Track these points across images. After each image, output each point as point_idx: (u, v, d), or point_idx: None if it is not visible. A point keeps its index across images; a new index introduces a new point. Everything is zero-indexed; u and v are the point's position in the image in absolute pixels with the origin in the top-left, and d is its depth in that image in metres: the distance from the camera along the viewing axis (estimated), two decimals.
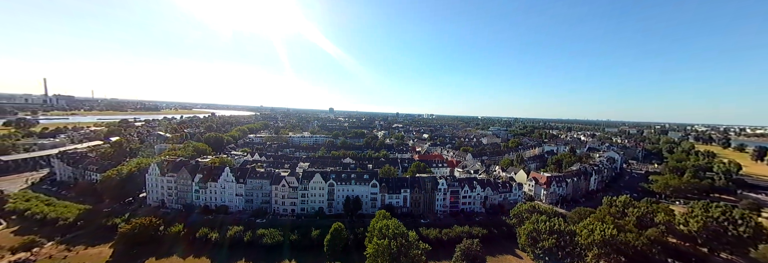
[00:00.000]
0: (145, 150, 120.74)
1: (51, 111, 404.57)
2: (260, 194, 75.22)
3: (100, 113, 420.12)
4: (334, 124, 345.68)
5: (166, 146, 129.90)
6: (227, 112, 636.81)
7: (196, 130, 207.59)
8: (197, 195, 76.32)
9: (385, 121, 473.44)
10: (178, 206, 75.05)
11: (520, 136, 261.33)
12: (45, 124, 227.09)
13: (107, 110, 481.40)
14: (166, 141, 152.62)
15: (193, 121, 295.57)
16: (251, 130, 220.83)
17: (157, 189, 78.76)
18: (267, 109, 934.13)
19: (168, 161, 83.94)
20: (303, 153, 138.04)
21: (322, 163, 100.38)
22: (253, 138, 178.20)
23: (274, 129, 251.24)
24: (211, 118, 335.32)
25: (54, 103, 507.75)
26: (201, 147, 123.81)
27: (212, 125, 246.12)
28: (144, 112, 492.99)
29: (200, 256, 53.89)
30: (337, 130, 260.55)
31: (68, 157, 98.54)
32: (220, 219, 67.45)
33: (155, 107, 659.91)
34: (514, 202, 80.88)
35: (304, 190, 73.48)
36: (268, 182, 75.12)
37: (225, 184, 75.48)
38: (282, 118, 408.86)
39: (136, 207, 74.99)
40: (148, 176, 79.41)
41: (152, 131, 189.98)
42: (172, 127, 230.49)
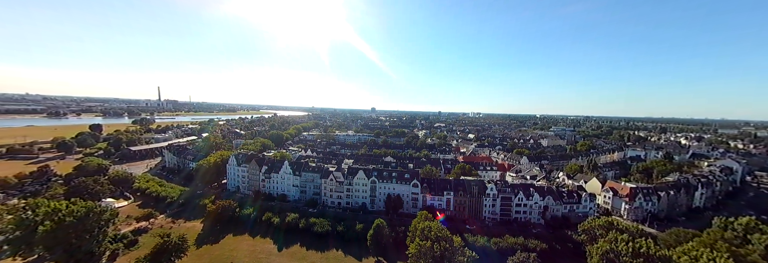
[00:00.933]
0: (226, 145, 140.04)
1: (162, 112, 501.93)
2: (312, 186, 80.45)
3: (195, 114, 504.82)
4: (376, 123, 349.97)
5: (241, 141, 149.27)
6: (286, 112, 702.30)
7: (262, 128, 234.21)
8: (263, 184, 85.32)
9: (426, 120, 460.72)
10: (250, 192, 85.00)
11: (591, 138, 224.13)
12: (159, 122, 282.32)
13: (199, 111, 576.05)
14: (241, 137, 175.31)
15: (260, 121, 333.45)
16: (305, 129, 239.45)
17: (234, 177, 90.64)
18: (318, 109, 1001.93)
19: (242, 154, 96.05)
20: (348, 150, 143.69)
21: (365, 161, 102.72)
22: (306, 136, 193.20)
23: (323, 127, 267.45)
24: (274, 118, 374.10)
25: (164, 106, 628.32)
26: (266, 142, 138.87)
27: (274, 124, 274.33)
28: (225, 112, 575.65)
29: (265, 237, 60.22)
30: (379, 128, 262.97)
31: (174, 149, 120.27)
32: (280, 205, 74.36)
33: (233, 109, 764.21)
34: (584, 216, 69.66)
35: (349, 185, 76.09)
36: (318, 176, 79.90)
37: (284, 176, 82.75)
38: (330, 118, 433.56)
39: (219, 191, 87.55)
40: (228, 166, 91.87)
41: (231, 129, 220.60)
42: (245, 125, 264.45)
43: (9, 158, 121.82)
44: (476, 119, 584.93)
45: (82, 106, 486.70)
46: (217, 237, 59.51)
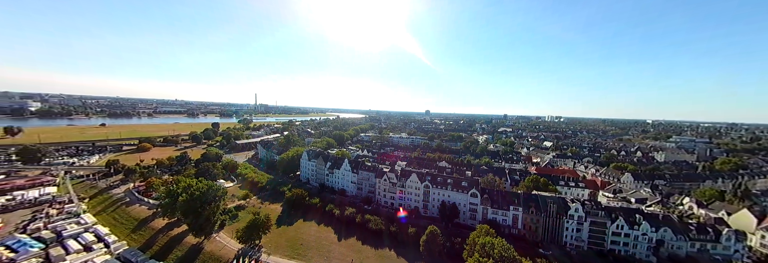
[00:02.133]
0: (300, 142, 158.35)
1: (257, 114, 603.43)
2: (368, 184, 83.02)
3: (279, 115, 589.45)
4: (430, 126, 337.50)
5: (312, 139, 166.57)
6: (346, 114, 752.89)
7: (327, 128, 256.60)
8: (328, 178, 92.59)
9: (487, 123, 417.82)
10: (317, 184, 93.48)
11: (740, 154, 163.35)
12: (255, 122, 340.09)
13: (282, 113, 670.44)
14: (311, 136, 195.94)
15: (326, 122, 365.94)
16: (362, 130, 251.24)
17: (306, 169, 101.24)
18: (373, 112, 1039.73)
19: (312, 150, 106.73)
20: (401, 152, 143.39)
21: (418, 164, 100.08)
22: (363, 137, 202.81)
23: (378, 129, 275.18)
24: (337, 120, 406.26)
25: (259, 109, 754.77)
26: (331, 141, 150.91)
27: (337, 125, 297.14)
28: (300, 115, 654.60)
29: (328, 226, 64.85)
30: (433, 132, 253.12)
31: (264, 143, 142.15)
32: (340, 199, 79.20)
33: (305, 111, 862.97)
34: (725, 261, 51.46)
35: (401, 187, 75.36)
36: (373, 175, 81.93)
37: (344, 172, 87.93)
38: (385, 120, 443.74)
39: (295, 181, 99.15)
40: (301, 160, 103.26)
41: (304, 128, 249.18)
42: (314, 125, 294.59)
43: (163, 145, 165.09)
44: (555, 124, 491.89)
45: (208, 108, 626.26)
46: (292, 220, 67.14)
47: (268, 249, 54.43)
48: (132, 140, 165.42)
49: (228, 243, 56.03)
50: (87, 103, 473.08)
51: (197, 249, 53.66)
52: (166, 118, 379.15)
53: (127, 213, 69.08)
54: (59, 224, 58.85)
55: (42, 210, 67.49)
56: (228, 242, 56.59)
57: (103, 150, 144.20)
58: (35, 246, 50.25)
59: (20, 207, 68.37)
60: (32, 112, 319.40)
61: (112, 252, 51.22)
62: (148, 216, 66.52)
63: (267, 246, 55.31)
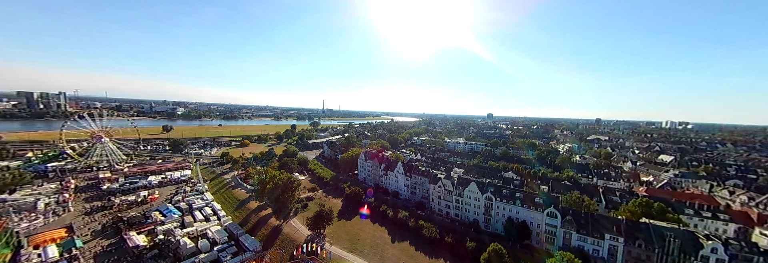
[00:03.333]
0: (358, 143, 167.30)
1: (323, 117, 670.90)
2: (421, 189, 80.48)
3: (340, 119, 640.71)
4: (493, 132, 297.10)
5: (368, 141, 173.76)
6: (400, 118, 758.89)
7: (382, 131, 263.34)
8: (382, 179, 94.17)
9: (573, 130, 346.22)
10: (372, 184, 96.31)
11: None
12: (322, 124, 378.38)
13: (343, 117, 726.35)
14: (368, 138, 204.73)
15: (381, 125, 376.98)
16: (415, 134, 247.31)
17: (362, 169, 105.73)
18: (428, 116, 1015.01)
19: (368, 152, 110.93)
20: (458, 159, 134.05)
21: (478, 172, 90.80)
22: (416, 140, 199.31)
23: (433, 133, 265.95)
24: (391, 123, 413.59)
25: (325, 113, 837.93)
26: (385, 144, 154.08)
27: (391, 128, 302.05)
28: (358, 118, 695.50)
29: (382, 225, 65.49)
30: (497, 137, 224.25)
31: (329, 143, 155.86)
32: (393, 201, 79.14)
33: (363, 115, 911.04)
34: None
35: (458, 196, 69.66)
36: (427, 180, 78.93)
37: (398, 175, 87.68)
38: (439, 124, 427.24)
39: (353, 179, 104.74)
40: (359, 160, 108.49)
41: (361, 131, 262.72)
42: (370, 128, 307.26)
43: (257, 142, 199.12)
44: (678, 132, 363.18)
45: (288, 113, 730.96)
46: (350, 215, 70.67)
47: (331, 239, 58.46)
48: (237, 137, 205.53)
49: (299, 229, 62.73)
50: (211, 108, 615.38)
51: (278, 230, 61.86)
52: (260, 121, 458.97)
53: (232, 194, 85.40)
54: (190, 198, 77.08)
55: (181, 187, 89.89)
56: (300, 227, 63.38)
57: (219, 144, 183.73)
58: (176, 213, 67.01)
59: (169, 184, 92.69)
60: (178, 115, 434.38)
61: (222, 224, 63.83)
62: (245, 198, 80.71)
63: (330, 236, 59.52)
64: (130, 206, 71.72)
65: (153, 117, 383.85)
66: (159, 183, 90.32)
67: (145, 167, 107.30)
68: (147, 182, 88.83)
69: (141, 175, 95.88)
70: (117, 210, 69.17)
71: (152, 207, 70.89)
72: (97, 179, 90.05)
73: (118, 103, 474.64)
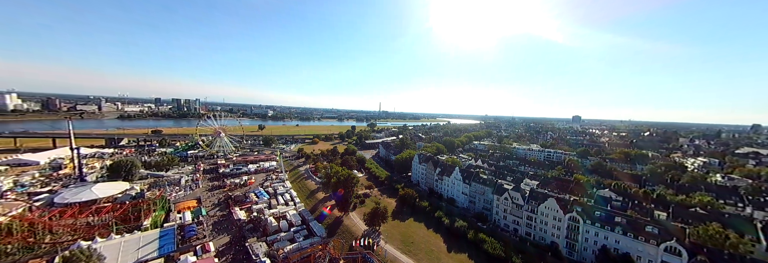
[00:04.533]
0: (412, 145, 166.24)
1: (379, 119, 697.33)
2: (482, 199, 73.31)
3: (395, 120, 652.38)
4: (581, 138, 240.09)
5: (422, 144, 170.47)
6: (458, 120, 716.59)
7: (437, 134, 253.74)
8: (437, 184, 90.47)
9: (711, 138, 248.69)
10: (426, 188, 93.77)
11: None
12: (378, 126, 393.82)
13: (398, 119, 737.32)
14: (422, 140, 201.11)
15: (436, 128, 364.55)
16: (476, 137, 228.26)
17: (416, 172, 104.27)
18: (491, 118, 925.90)
19: (423, 154, 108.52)
20: (530, 168, 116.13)
21: (558, 186, 75.41)
22: (476, 145, 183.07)
23: (497, 138, 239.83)
24: (447, 126, 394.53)
25: (381, 115, 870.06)
26: (440, 147, 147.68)
27: (447, 131, 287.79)
28: (413, 120, 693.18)
29: (437, 232, 62.62)
30: (588, 146, 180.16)
31: (384, 144, 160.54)
32: (448, 208, 74.64)
33: (417, 117, 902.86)
34: None
35: (530, 213, 59.88)
36: (490, 190, 71.30)
37: (454, 181, 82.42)
38: (506, 127, 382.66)
39: (406, 181, 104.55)
40: (413, 162, 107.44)
41: (416, 133, 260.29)
42: (425, 131, 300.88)
43: (324, 141, 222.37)
44: None
45: (349, 114, 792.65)
46: (404, 217, 70.46)
47: (385, 237, 59.58)
48: (309, 136, 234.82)
49: (357, 222, 66.36)
50: (291, 111, 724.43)
51: (339, 221, 67.10)
52: (327, 122, 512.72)
53: (304, 184, 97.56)
54: (275, 185, 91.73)
55: (269, 175, 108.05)
56: (357, 221, 67.05)
57: (296, 141, 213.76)
58: (265, 196, 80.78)
59: (261, 172, 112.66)
60: (269, 116, 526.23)
61: (297, 209, 73.54)
62: (315, 189, 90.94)
63: (384, 234, 60.75)
64: (235, 187, 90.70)
65: (252, 118, 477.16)
66: (255, 171, 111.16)
67: (246, 157, 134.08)
68: (247, 169, 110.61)
69: (243, 163, 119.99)
70: (227, 189, 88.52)
71: (250, 189, 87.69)
72: (216, 164, 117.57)
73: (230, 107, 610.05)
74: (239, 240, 56.18)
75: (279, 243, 54.03)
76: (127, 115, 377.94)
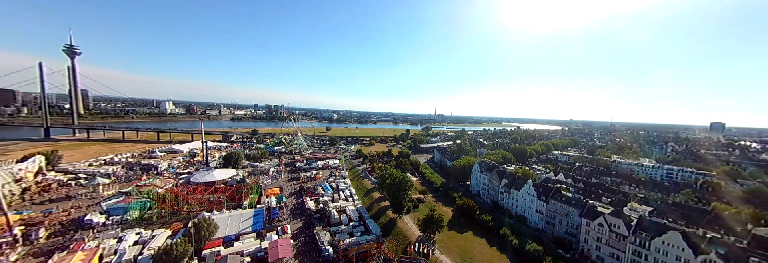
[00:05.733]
0: (472, 151, 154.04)
1: (434, 122, 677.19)
2: (564, 222, 61.08)
3: (452, 124, 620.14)
4: (726, 153, 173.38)
5: (484, 151, 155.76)
6: (532, 125, 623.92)
7: (504, 140, 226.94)
8: (502, 197, 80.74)
9: None
10: (489, 200, 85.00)
11: None
12: (433, 130, 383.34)
13: (455, 123, 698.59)
14: (484, 146, 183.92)
15: (502, 133, 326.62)
16: (556, 146, 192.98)
17: (477, 181, 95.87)
18: (578, 123, 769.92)
19: (485, 162, 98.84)
20: (638, 189, 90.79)
21: (685, 217, 56.02)
22: (557, 155, 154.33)
23: (588, 148, 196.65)
24: (517, 131, 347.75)
25: (436, 118, 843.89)
26: (507, 155, 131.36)
27: (517, 137, 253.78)
28: (473, 124, 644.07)
29: (502, 252, 55.53)
30: (737, 164, 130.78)
31: (440, 149, 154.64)
32: (517, 226, 65.24)
33: (478, 121, 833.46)
34: None
35: (639, 247, 46.04)
36: (576, 211, 58.73)
37: (526, 196, 71.62)
38: (601, 135, 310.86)
39: (465, 190, 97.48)
40: (473, 170, 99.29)
41: (477, 138, 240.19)
42: (488, 136, 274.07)
43: (380, 143, 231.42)
44: None
45: (404, 118, 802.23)
46: (462, 229, 65.62)
47: (441, 247, 56.82)
48: (366, 138, 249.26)
49: (411, 227, 65.80)
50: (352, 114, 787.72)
51: (393, 223, 68.14)
52: (382, 125, 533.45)
53: (361, 183, 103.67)
54: (338, 181, 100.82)
55: (333, 172, 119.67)
56: (411, 226, 66.48)
57: (355, 142, 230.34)
58: (329, 190, 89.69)
59: (326, 169, 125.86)
60: (334, 119, 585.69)
61: (355, 205, 78.76)
62: (371, 188, 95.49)
63: (440, 243, 58.03)
64: (307, 180, 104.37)
65: (321, 120, 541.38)
66: (322, 167, 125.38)
67: (316, 154, 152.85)
68: (316, 165, 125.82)
69: (313, 160, 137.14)
70: (301, 181, 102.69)
71: (318, 183, 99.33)
72: (294, 159, 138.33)
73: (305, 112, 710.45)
74: (309, 227, 64.07)
75: (340, 235, 58.92)
76: (236, 117, 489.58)
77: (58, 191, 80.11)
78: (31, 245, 50.70)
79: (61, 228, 57.77)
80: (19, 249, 48.88)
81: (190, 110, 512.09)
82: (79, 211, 66.41)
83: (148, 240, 52.88)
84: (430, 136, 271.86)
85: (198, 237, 49.58)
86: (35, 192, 77.33)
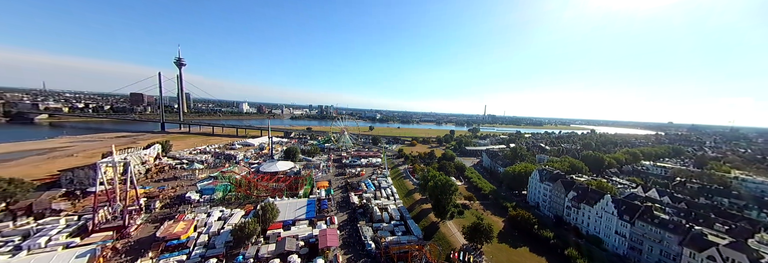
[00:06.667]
0: (530, 157, 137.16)
1: (483, 123, 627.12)
2: (657, 249, 49.10)
3: (504, 126, 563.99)
4: None
5: (545, 157, 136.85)
6: (611, 129, 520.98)
7: (572, 146, 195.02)
8: (569, 212, 69.78)
9: None
10: (550, 214, 74.59)
11: None
12: (482, 131, 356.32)
13: (510, 124, 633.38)
14: (545, 152, 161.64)
15: (571, 137, 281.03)
16: (647, 155, 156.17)
17: (535, 191, 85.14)
18: (680, 126, 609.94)
19: (547, 171, 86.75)
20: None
21: None
22: (648, 167, 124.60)
23: (695, 159, 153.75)
24: (590, 135, 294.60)
25: (486, 119, 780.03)
26: (577, 164, 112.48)
27: (590, 143, 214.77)
28: (531, 126, 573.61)
29: None
30: None
31: (489, 153, 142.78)
32: (589, 248, 55.32)
33: (539, 122, 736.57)
34: None
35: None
36: (674, 238, 46.47)
37: (603, 214, 60.09)
38: (715, 143, 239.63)
39: (520, 200, 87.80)
40: (530, 179, 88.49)
41: (536, 142, 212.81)
42: (551, 140, 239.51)
43: (422, 144, 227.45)
44: None
45: (448, 118, 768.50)
46: (516, 243, 59.33)
47: (489, 259, 52.64)
48: (408, 138, 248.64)
49: (455, 233, 62.81)
50: (394, 114, 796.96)
51: (435, 227, 66.33)
52: (425, 125, 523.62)
53: (402, 183, 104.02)
54: (380, 179, 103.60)
55: (375, 170, 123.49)
56: (455, 232, 63.45)
57: (397, 142, 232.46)
58: (372, 188, 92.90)
59: (368, 166, 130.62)
60: (377, 119, 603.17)
61: (397, 204, 79.73)
62: (412, 189, 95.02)
63: (488, 255, 53.82)
64: (352, 176, 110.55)
65: (365, 120, 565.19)
66: (365, 165, 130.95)
67: (359, 152, 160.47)
68: (360, 162, 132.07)
69: (357, 157, 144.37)
70: (347, 176, 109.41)
71: (361, 179, 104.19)
72: (340, 156, 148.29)
73: (351, 112, 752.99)
74: (353, 220, 67.88)
75: (381, 232, 60.54)
76: (294, 116, 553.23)
77: (169, 172, 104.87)
78: (149, 213, 67.74)
79: (169, 201, 75.46)
80: (143, 215, 65.88)
81: (260, 110, 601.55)
82: (181, 189, 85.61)
83: (228, 217, 64.61)
84: (477, 138, 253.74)
85: (264, 218, 58.07)
86: (154, 172, 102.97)
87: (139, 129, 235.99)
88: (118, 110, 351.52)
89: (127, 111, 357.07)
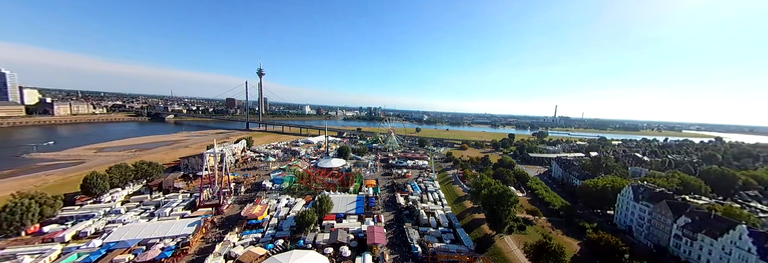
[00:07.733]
0: (618, 169, 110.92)
1: (554, 126, 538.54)
2: None
3: (584, 130, 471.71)
4: None
5: (643, 170, 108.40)
6: (748, 137, 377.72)
7: (685, 157, 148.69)
8: (676, 242, 53.54)
9: None
10: (648, 242, 58.75)
11: None
12: (551, 136, 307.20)
13: (589, 128, 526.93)
14: (642, 164, 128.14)
15: (683, 146, 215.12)
16: None
17: (627, 212, 68.45)
18: None
19: (645, 188, 68.40)
20: None
21: None
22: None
23: None
24: (715, 145, 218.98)
25: (557, 122, 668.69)
26: (692, 182, 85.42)
27: (715, 154, 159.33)
28: (621, 131, 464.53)
29: None
30: None
31: (561, 162, 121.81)
32: None
33: (634, 127, 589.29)
34: None
35: None
36: None
37: (731, 249, 43.83)
38: None
39: (601, 221, 72.12)
40: (620, 196, 71.61)
41: (628, 151, 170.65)
42: (652, 149, 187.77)
43: (474, 147, 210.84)
44: None
45: (507, 120, 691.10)
46: None
47: None
48: (458, 141, 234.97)
49: (514, 250, 55.95)
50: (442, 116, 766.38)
51: (489, 240, 60.57)
52: (477, 128, 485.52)
53: (451, 189, 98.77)
54: (426, 182, 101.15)
55: (422, 172, 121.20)
56: (514, 248, 56.52)
57: (445, 145, 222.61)
58: (418, 190, 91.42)
59: (415, 168, 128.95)
60: (424, 120, 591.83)
61: (445, 210, 76.35)
62: (462, 196, 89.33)
63: None
64: (398, 177, 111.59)
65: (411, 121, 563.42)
66: (411, 166, 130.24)
67: (406, 153, 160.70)
68: (406, 164, 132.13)
69: (404, 159, 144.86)
70: (393, 177, 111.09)
71: (407, 181, 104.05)
72: (387, 156, 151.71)
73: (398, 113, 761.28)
74: (399, 221, 68.35)
75: (428, 237, 58.92)
76: (346, 118, 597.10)
77: (250, 163, 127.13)
78: (237, 196, 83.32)
79: (251, 187, 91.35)
80: (233, 197, 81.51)
81: (319, 112, 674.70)
82: (259, 178, 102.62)
83: (292, 205, 74.19)
84: (545, 144, 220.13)
85: (321, 209, 64.36)
86: (241, 162, 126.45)
87: (231, 127, 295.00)
88: (218, 112, 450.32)
89: (224, 112, 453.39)
